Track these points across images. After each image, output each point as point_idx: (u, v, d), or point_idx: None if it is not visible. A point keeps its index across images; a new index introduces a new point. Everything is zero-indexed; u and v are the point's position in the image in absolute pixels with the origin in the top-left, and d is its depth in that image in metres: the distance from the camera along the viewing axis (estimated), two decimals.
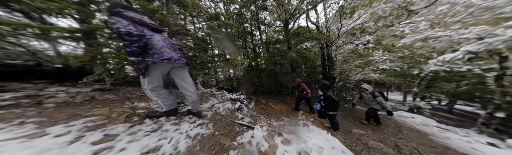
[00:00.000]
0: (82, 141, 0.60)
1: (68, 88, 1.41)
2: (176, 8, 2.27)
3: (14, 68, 1.68)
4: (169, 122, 0.98)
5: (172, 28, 2.04)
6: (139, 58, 0.78)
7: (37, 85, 1.43)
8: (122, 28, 0.71)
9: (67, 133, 0.64)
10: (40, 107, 0.97)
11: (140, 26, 0.83)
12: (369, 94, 2.28)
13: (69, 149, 0.53)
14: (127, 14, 0.78)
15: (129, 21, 0.77)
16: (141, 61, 0.79)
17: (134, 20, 0.80)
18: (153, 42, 0.84)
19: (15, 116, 0.77)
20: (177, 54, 0.92)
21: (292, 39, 3.68)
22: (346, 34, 4.00)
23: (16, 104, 0.93)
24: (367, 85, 2.37)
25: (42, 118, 0.78)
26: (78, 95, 1.24)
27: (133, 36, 0.72)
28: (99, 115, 0.90)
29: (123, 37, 0.71)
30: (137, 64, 0.78)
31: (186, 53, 1.32)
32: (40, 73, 1.73)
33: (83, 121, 0.78)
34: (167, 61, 0.85)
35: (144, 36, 0.80)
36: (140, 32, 0.77)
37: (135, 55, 0.76)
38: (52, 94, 1.19)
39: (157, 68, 0.86)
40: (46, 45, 2.12)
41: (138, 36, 0.74)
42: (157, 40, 0.86)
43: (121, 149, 0.60)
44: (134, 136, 0.73)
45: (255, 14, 3.68)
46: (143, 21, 0.84)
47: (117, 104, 1.20)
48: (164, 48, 0.87)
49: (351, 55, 4.51)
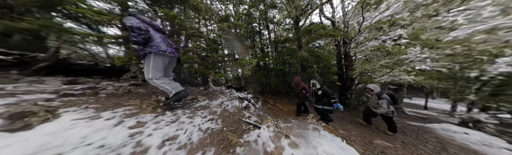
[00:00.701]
0: (122, 125, 0.78)
1: (114, 83, 1.84)
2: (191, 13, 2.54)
3: (82, 66, 2.31)
4: (185, 115, 1.12)
5: (188, 31, 2.30)
6: (140, 47, 1.03)
7: (95, 79, 1.93)
8: (134, 24, 0.96)
9: (113, 117, 0.85)
10: (96, 96, 1.30)
11: (147, 25, 1.08)
12: (375, 95, 2.04)
13: (114, 130, 0.71)
14: (140, 16, 1.07)
15: (140, 21, 1.03)
16: (141, 50, 1.04)
17: (144, 21, 1.07)
18: (154, 37, 1.08)
19: (82, 102, 1.07)
20: (171, 49, 1.15)
21: (303, 37, 3.48)
22: (369, 29, 3.47)
23: (82, 93, 1.29)
24: (374, 84, 2.16)
25: (98, 104, 1.05)
26: (120, 88, 1.60)
27: (141, 30, 0.98)
28: (133, 105, 1.13)
29: (133, 30, 0.95)
30: (137, 52, 1.04)
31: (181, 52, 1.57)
32: (97, 71, 2.31)
33: (123, 109, 1.01)
34: (162, 52, 1.07)
35: (149, 31, 1.05)
36: (147, 28, 1.04)
37: (138, 44, 1.01)
38: (104, 87, 1.58)
39: (157, 60, 1.07)
40: (100, 49, 2.86)
41: (145, 31, 1.00)
42: (158, 37, 1.11)
43: (148, 134, 0.75)
44: (158, 125, 0.88)
45: (263, 13, 3.65)
46: (151, 23, 1.11)
47: (146, 97, 1.47)
48: (162, 43, 1.10)
49: (375, 53, 3.83)
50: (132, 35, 0.97)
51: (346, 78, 3.86)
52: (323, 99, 1.90)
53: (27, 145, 0.46)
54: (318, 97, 1.97)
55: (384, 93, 2.01)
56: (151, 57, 1.05)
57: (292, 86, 2.50)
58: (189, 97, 1.64)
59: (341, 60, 3.83)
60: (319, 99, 1.95)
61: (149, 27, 1.08)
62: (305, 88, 2.36)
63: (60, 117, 0.71)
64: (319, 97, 1.96)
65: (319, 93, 1.94)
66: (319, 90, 1.95)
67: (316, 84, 1.98)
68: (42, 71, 1.53)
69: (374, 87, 2.11)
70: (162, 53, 1.07)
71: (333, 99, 1.82)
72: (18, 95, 0.93)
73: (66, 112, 0.80)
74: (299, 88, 2.41)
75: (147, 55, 1.06)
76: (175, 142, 0.74)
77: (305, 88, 2.36)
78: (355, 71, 3.79)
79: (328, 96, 1.85)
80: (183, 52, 2.36)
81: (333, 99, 1.82)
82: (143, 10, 2.30)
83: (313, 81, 2.03)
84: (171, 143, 0.73)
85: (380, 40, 3.90)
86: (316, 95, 2.01)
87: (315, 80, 2.00)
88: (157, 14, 2.19)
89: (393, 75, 3.77)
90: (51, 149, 0.47)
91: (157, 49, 1.05)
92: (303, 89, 2.37)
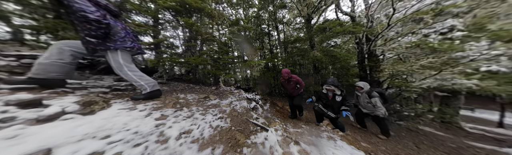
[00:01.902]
0: (150, 116, 0.96)
1: None
2: (206, 20, 2.86)
3: None
4: (199, 112, 1.24)
5: (203, 36, 2.60)
6: (100, 41, 0.84)
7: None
8: (90, 14, 0.72)
9: (144, 109, 1.06)
10: (134, 91, 1.65)
11: (103, 10, 0.84)
12: (365, 94, 1.89)
13: (144, 120, 0.89)
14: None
15: (94, 3, 0.79)
16: (101, 44, 0.85)
17: (99, 4, 0.82)
18: (117, 30, 0.90)
19: (125, 96, 1.36)
20: (137, 45, 1.02)
21: (316, 36, 3.26)
22: (402, 22, 2.88)
23: (125, 89, 1.68)
24: (363, 82, 1.98)
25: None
26: None
27: (101, 23, 0.77)
28: (159, 100, 1.34)
29: (90, 23, 0.74)
30: (95, 46, 0.84)
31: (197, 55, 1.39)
32: None
33: (152, 103, 1.22)
34: (130, 49, 0.94)
35: (110, 24, 0.84)
36: (108, 21, 0.82)
37: (97, 38, 0.82)
38: None
39: (125, 55, 0.96)
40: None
41: (106, 24, 0.80)
42: (121, 29, 0.92)
43: (169, 126, 0.89)
44: (176, 119, 1.02)
45: (272, 14, 3.66)
46: (108, 7, 0.87)
47: (169, 93, 1.74)
48: (127, 38, 0.95)
49: (413, 51, 3.07)
50: (89, 28, 0.76)
51: (371, 81, 3.30)
52: (340, 107, 1.60)
53: (91, 126, 0.66)
54: (336, 104, 1.60)
55: (373, 90, 1.86)
56: (118, 54, 0.91)
57: (282, 82, 1.99)
58: (202, 95, 1.76)
59: (364, 60, 3.34)
60: (336, 106, 1.61)
61: (107, 14, 0.86)
62: (299, 81, 1.87)
63: (111, 107, 0.96)
64: (336, 104, 1.60)
65: (337, 99, 1.58)
66: (338, 96, 1.59)
67: (334, 90, 1.59)
68: (102, 71, 2.07)
69: (364, 85, 1.91)
70: (130, 50, 0.94)
71: (346, 106, 1.57)
72: (88, 88, 1.32)
73: (115, 103, 1.05)
74: (291, 83, 1.90)
75: (111, 51, 0.89)
76: (189, 136, 0.84)
77: (300, 81, 1.87)
78: (383, 73, 3.19)
79: (343, 104, 1.58)
80: (198, 55, 2.66)
81: (345, 105, 1.57)
82: (169, 20, 2.76)
83: (328, 86, 1.59)
84: (187, 136, 0.83)
85: (420, 34, 3.15)
86: (332, 102, 1.61)
87: (333, 84, 1.57)
88: (179, 22, 2.59)
89: (442, 79, 2.93)
90: (104, 131, 0.66)
91: (123, 45, 0.90)
92: (297, 83, 1.87)
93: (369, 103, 1.84)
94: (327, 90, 1.66)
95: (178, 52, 2.84)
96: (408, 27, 3.10)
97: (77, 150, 0.49)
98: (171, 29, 3.05)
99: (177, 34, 2.98)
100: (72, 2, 0.72)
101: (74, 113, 0.73)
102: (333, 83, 1.60)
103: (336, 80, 1.65)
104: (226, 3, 3.26)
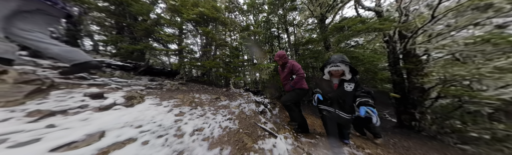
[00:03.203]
0: (171, 112, 1.15)
1: (170, 81, 2.72)
2: (220, 27, 3.21)
3: (158, 70, 3.68)
4: (210, 111, 1.36)
5: (217, 42, 2.92)
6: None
7: (162, 78, 2.97)
8: None
9: (167, 106, 1.28)
10: (161, 90, 2.05)
11: None
12: None
13: (167, 115, 1.08)
14: None
15: None
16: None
17: None
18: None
19: (154, 93, 1.72)
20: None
21: (331, 37, 3.01)
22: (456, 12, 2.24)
23: (155, 87, 2.08)
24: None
25: (161, 96, 1.63)
26: (173, 86, 2.36)
27: None
28: (179, 98, 1.57)
29: None
30: None
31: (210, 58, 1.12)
32: (163, 73, 3.54)
33: (173, 101, 1.46)
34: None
35: None
36: None
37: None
38: (165, 84, 2.40)
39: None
40: (165, 58, 4.52)
41: None
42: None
43: (185, 123, 1.02)
44: (191, 116, 1.14)
45: (282, 17, 3.68)
46: None
47: (186, 93, 2.02)
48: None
49: (479, 48, 2.23)
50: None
51: (411, 88, 2.64)
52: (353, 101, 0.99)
53: (130, 116, 0.87)
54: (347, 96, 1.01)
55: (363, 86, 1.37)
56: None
57: (278, 70, 1.52)
58: (214, 96, 1.89)
59: (398, 61, 2.76)
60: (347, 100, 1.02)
61: None
62: (294, 68, 1.28)
63: (144, 101, 1.22)
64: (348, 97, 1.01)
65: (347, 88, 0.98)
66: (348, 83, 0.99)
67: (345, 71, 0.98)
68: (141, 73, 2.66)
69: None
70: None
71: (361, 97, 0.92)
72: (131, 86, 1.75)
73: (147, 99, 1.33)
74: (285, 70, 1.36)
75: None
76: (201, 134, 0.90)
77: (295, 68, 1.28)
78: (429, 78, 2.51)
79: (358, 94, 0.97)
80: (212, 59, 2.98)
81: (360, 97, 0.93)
82: (191, 30, 3.28)
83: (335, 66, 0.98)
84: (199, 133, 0.90)
85: (489, 26, 2.33)
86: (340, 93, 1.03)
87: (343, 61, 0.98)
88: (198, 31, 3.04)
89: None
90: (138, 121, 0.85)
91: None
92: (292, 71, 1.29)
93: None
94: (332, 74, 0.98)
95: (196, 56, 3.27)
96: (466, 18, 2.36)
97: (119, 135, 0.66)
98: (191, 37, 3.61)
99: (196, 41, 3.50)
100: None
101: (120, 105, 0.98)
102: (343, 59, 0.95)
103: (345, 57, 1.00)
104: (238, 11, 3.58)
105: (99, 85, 1.32)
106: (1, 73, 0.72)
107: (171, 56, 3.90)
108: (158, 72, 3.28)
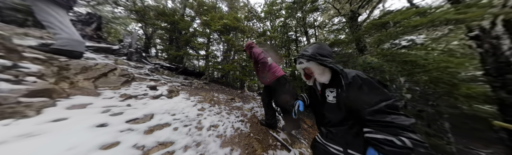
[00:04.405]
0: (195, 107, 1.41)
1: (197, 81, 3.33)
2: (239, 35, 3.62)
3: (190, 71, 4.60)
4: (225, 111, 1.54)
5: (236, 48, 3.30)
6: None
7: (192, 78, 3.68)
8: None
9: (193, 101, 1.58)
10: (190, 87, 2.55)
11: None
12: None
13: (192, 108, 1.34)
14: None
15: None
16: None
17: None
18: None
19: (186, 89, 2.20)
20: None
21: (367, 36, 2.42)
22: None
23: (187, 85, 2.62)
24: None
25: (190, 92, 2.06)
26: (199, 84, 2.87)
27: None
28: (202, 95, 1.90)
29: None
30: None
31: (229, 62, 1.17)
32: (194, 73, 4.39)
33: (198, 97, 1.78)
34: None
35: None
36: None
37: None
38: (194, 83, 2.97)
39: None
40: (196, 62, 5.79)
41: None
42: None
43: (204, 117, 1.22)
44: (210, 113, 1.27)
45: (301, 20, 3.57)
46: None
47: (208, 91, 2.40)
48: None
49: None
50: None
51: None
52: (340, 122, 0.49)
53: (169, 106, 1.18)
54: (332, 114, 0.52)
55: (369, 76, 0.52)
56: None
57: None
58: (229, 97, 2.13)
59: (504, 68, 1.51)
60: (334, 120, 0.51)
61: None
62: (254, 53, 1.13)
63: (179, 95, 1.60)
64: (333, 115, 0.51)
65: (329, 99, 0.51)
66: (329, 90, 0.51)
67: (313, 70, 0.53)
68: (179, 72, 3.42)
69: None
70: None
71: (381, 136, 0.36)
72: (172, 82, 2.34)
73: (181, 93, 1.70)
74: (252, 59, 1.22)
75: None
76: (216, 130, 1.00)
77: (256, 53, 1.12)
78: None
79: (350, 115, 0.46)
80: (231, 63, 3.38)
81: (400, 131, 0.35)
82: (216, 38, 3.94)
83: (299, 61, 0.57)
84: (214, 129, 1.00)
85: None
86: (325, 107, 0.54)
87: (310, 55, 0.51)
88: (221, 39, 3.59)
89: None
90: (173, 110, 1.12)
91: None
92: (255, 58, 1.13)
93: None
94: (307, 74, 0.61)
95: (218, 61, 3.84)
96: None
97: (161, 119, 0.91)
98: (216, 44, 4.32)
99: (219, 48, 4.14)
100: None
101: (165, 96, 1.33)
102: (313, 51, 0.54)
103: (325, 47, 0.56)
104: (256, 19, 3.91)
105: (155, 80, 1.87)
106: (114, 69, 1.23)
107: (200, 60, 4.84)
108: (190, 72, 4.10)
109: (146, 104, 1.04)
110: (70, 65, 0.97)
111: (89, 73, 1.03)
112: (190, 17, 4.42)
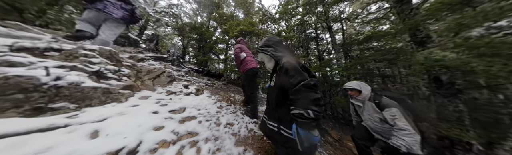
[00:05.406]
0: (215, 104, 1.63)
1: (217, 82, 3.78)
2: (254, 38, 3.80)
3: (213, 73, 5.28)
4: (240, 110, 1.67)
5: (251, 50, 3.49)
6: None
7: (214, 79, 4.20)
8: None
9: (214, 99, 1.83)
10: (212, 87, 2.96)
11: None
12: (369, 102, 0.95)
13: (213, 106, 1.55)
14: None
15: None
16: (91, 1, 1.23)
17: None
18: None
19: (208, 89, 2.60)
20: (120, 12, 1.29)
21: (431, 22, 1.50)
22: None
23: (210, 85, 3.07)
24: (356, 81, 1.03)
25: (212, 91, 2.40)
26: (218, 85, 3.25)
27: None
28: (220, 95, 2.16)
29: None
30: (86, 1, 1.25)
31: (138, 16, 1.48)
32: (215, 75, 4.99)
33: (217, 96, 2.05)
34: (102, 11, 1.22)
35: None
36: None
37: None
38: (215, 83, 3.40)
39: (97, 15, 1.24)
40: (217, 65, 6.73)
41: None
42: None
43: (222, 115, 1.25)
44: (226, 111, 1.40)
45: (322, 14, 3.23)
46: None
47: (226, 92, 2.69)
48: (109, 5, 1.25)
49: None
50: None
51: None
52: None
53: (196, 102, 1.48)
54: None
55: (383, 95, 0.90)
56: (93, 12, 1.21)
57: None
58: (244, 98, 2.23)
59: None
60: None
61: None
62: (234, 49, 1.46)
63: (203, 93, 1.94)
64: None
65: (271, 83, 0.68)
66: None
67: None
68: (204, 74, 4.05)
69: (360, 85, 0.97)
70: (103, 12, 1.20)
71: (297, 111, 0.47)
72: (199, 82, 2.86)
73: (205, 92, 2.06)
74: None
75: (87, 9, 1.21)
76: (231, 128, 1.06)
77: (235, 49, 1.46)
78: None
79: None
80: None
81: None
82: (233, 43, 4.40)
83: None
84: (230, 127, 1.06)
85: None
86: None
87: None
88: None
89: None
90: (199, 106, 1.37)
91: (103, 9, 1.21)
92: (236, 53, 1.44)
93: (381, 121, 0.88)
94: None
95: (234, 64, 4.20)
96: None
97: (190, 112, 1.12)
98: (233, 49, 4.77)
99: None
100: None
101: (193, 94, 1.63)
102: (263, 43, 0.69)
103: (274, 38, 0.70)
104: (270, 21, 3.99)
105: (188, 80, 2.36)
106: (163, 72, 1.70)
107: (220, 63, 5.50)
108: (212, 74, 4.75)
109: (181, 99, 1.34)
110: (142, 69, 1.45)
111: (150, 74, 1.49)
112: (213, 28, 5.27)
